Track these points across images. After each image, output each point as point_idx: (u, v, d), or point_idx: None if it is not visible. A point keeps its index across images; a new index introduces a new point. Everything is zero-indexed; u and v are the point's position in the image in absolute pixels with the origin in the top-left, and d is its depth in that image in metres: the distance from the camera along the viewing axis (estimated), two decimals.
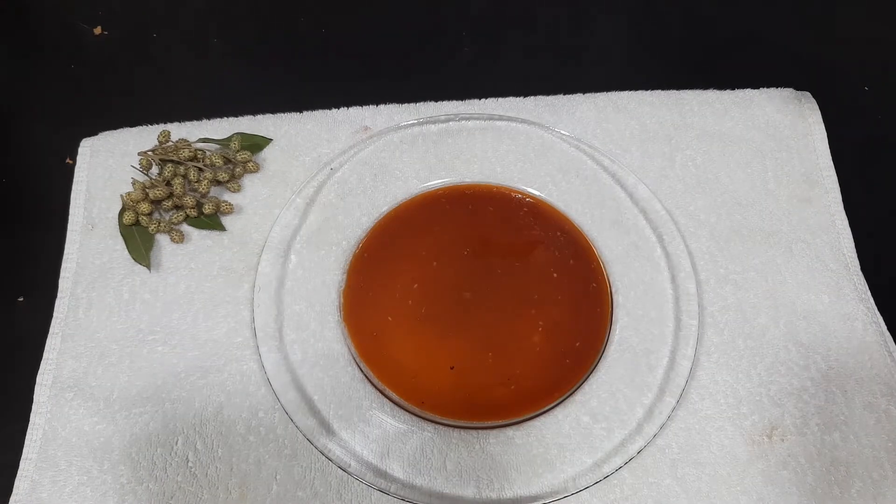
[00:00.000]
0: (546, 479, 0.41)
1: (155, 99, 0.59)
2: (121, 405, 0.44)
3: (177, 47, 0.63)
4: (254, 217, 0.52)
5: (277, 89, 0.59)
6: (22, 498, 0.42)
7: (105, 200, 0.52)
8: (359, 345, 0.46)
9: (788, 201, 0.52)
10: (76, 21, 0.64)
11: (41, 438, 0.43)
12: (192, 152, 0.52)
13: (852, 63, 0.62)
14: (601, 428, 0.43)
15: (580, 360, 0.45)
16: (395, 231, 0.51)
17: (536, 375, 0.45)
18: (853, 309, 0.48)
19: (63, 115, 0.59)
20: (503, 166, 0.53)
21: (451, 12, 0.65)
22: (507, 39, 0.63)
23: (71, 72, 0.61)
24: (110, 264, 0.49)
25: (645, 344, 0.46)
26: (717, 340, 0.47)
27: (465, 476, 0.42)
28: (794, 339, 0.47)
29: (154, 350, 0.46)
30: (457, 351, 0.46)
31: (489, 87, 0.57)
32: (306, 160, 0.54)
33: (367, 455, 0.42)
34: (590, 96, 0.57)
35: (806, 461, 0.43)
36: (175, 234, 0.50)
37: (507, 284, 0.48)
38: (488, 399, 0.44)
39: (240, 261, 0.50)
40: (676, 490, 0.42)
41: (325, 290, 0.48)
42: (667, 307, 0.47)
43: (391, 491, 0.40)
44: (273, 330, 0.46)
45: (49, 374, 0.45)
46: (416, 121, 0.54)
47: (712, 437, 0.43)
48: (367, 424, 0.43)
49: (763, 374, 0.45)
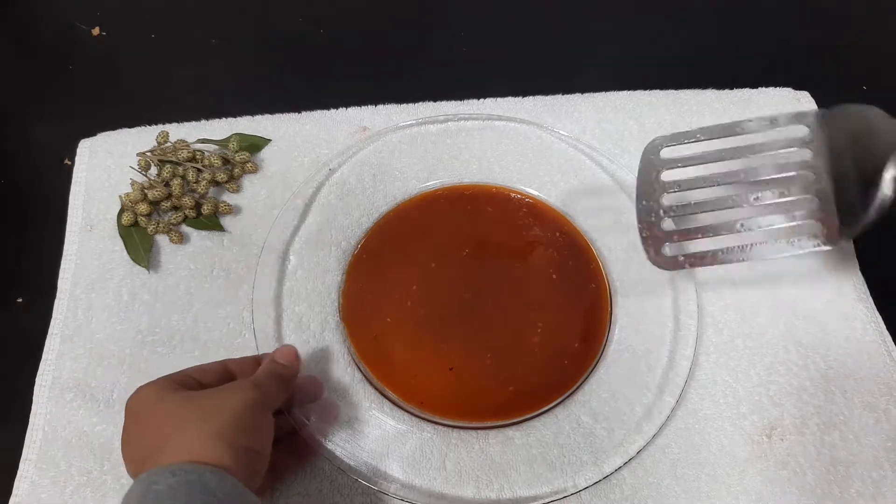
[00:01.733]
0: (546, 479, 0.41)
1: (153, 99, 0.59)
2: (121, 406, 0.44)
3: (176, 47, 0.63)
4: (253, 218, 0.52)
5: (276, 89, 0.59)
6: (22, 499, 0.42)
7: (104, 201, 0.52)
8: (358, 346, 0.46)
9: None
10: (75, 22, 0.64)
11: (41, 439, 0.43)
12: (190, 153, 0.52)
13: (851, 63, 0.62)
14: (601, 428, 0.43)
15: (579, 361, 0.45)
16: (395, 232, 0.51)
17: (535, 377, 0.45)
18: (852, 309, 0.48)
19: (62, 116, 0.59)
20: (502, 166, 0.53)
21: (450, 12, 0.65)
22: (506, 39, 0.63)
23: (70, 72, 0.61)
24: (109, 265, 0.49)
25: (645, 344, 0.46)
26: (716, 340, 0.47)
27: (464, 476, 0.42)
28: (794, 339, 0.47)
29: (154, 351, 0.46)
30: (456, 352, 0.46)
31: (488, 88, 0.57)
32: (305, 161, 0.54)
33: (367, 455, 0.42)
34: (588, 96, 0.57)
35: (805, 461, 0.43)
36: (174, 234, 0.50)
37: (506, 285, 0.48)
38: (488, 400, 0.44)
39: (239, 262, 0.50)
40: (676, 490, 0.42)
41: (325, 290, 0.48)
42: (666, 307, 0.47)
43: (391, 491, 0.40)
44: (273, 331, 0.46)
45: (48, 375, 0.45)
46: (415, 121, 0.54)
47: (712, 437, 0.43)
48: (366, 425, 0.43)
49: (762, 374, 0.45)
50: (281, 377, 0.39)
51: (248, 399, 0.35)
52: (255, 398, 0.35)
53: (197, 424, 0.33)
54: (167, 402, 0.35)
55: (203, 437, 0.32)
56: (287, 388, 0.40)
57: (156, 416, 0.34)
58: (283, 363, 0.40)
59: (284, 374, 0.40)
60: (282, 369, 0.40)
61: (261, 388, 0.36)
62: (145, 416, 0.35)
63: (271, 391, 0.38)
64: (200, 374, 0.38)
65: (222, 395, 0.35)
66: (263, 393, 0.36)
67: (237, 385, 0.37)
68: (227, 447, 0.32)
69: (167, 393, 0.35)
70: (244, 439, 0.33)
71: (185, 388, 0.36)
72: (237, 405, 0.34)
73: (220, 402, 0.34)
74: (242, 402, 0.34)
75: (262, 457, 0.35)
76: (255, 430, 0.34)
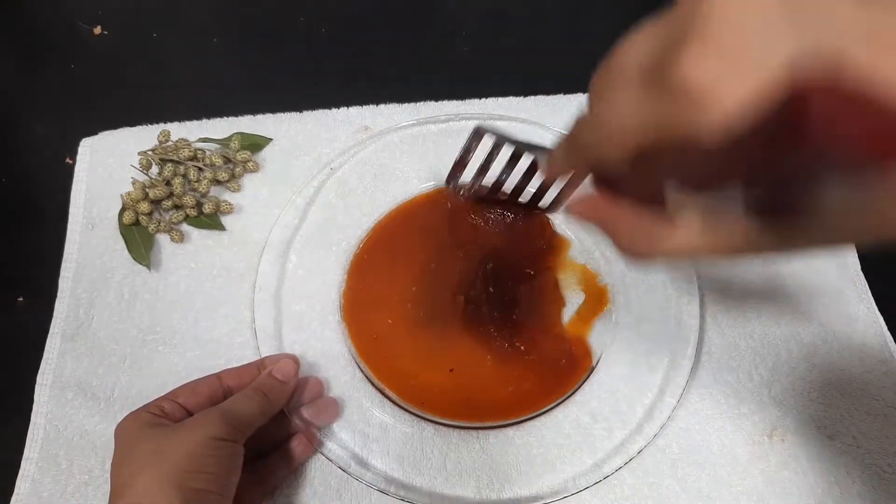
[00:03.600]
0: (546, 479, 0.41)
1: (155, 98, 0.59)
2: (122, 405, 0.44)
3: (177, 47, 0.63)
4: (254, 217, 0.52)
5: (277, 89, 0.59)
6: (24, 498, 0.42)
7: (105, 200, 0.52)
8: (359, 345, 0.46)
9: None
10: (76, 21, 0.64)
11: (42, 438, 0.43)
12: (191, 152, 0.52)
13: None
14: (601, 428, 0.43)
15: (579, 361, 0.45)
16: (395, 232, 0.50)
17: (535, 377, 0.45)
18: (854, 309, 0.48)
19: (63, 115, 0.59)
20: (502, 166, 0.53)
21: (452, 12, 0.65)
22: (508, 39, 0.63)
23: (71, 72, 0.61)
24: (110, 264, 0.49)
25: (645, 344, 0.46)
26: (718, 341, 0.47)
27: (465, 476, 0.42)
28: (795, 340, 0.47)
29: (155, 350, 0.46)
30: (456, 353, 0.46)
31: (489, 87, 0.57)
32: (306, 160, 0.54)
33: (367, 455, 0.42)
34: None
35: (807, 462, 0.43)
36: (175, 233, 0.50)
37: (507, 286, 0.48)
38: (487, 401, 0.44)
39: (240, 260, 0.50)
40: (677, 490, 0.42)
41: (326, 290, 0.48)
42: (667, 307, 0.47)
43: (391, 491, 0.40)
44: (273, 330, 0.46)
45: (49, 374, 0.45)
46: (416, 121, 0.54)
47: (713, 438, 0.43)
48: (367, 424, 0.43)
49: (764, 375, 0.45)
50: (268, 395, 0.39)
51: (208, 437, 0.34)
52: (217, 433, 0.35)
53: (152, 469, 0.33)
54: (138, 440, 0.35)
55: (155, 483, 0.32)
56: (274, 406, 0.39)
57: (127, 453, 0.35)
58: (279, 378, 0.40)
59: (275, 390, 0.40)
60: (275, 385, 0.40)
61: (231, 416, 0.36)
62: (121, 451, 0.35)
63: (247, 415, 0.37)
64: (188, 398, 0.38)
65: (182, 433, 0.35)
66: (233, 422, 0.36)
67: (201, 420, 0.36)
68: (176, 493, 0.32)
69: (143, 430, 0.35)
70: (197, 482, 0.33)
71: (169, 417, 0.37)
72: (193, 446, 0.34)
73: (177, 443, 0.34)
74: (201, 442, 0.34)
75: (220, 497, 0.34)
76: (211, 470, 0.34)
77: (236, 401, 0.38)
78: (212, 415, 0.36)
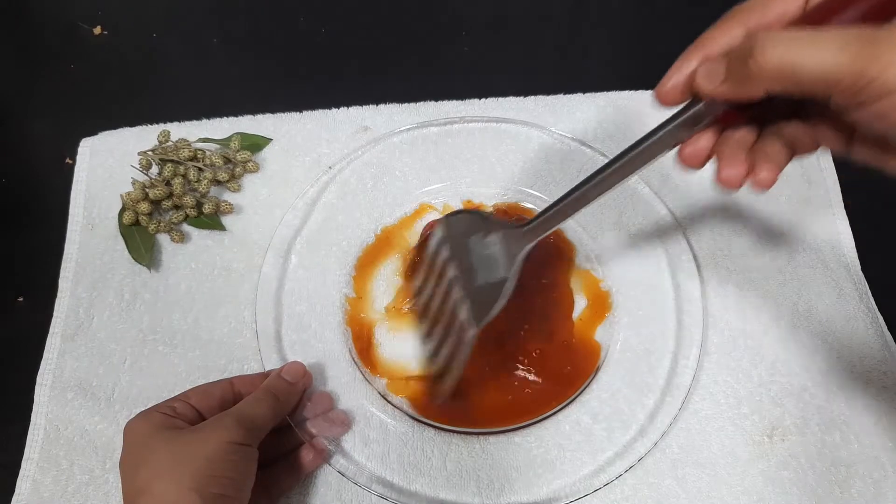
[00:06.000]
0: (546, 480, 0.41)
1: (155, 99, 0.59)
2: (122, 405, 0.44)
3: (177, 47, 0.63)
4: (254, 217, 0.52)
5: (277, 89, 0.59)
6: (24, 498, 0.42)
7: (105, 200, 0.52)
8: (359, 346, 0.46)
9: (788, 201, 0.52)
10: (76, 21, 0.64)
11: (43, 438, 0.43)
12: (191, 152, 0.52)
13: None
14: (601, 428, 0.43)
15: (580, 364, 0.45)
16: (397, 234, 0.50)
17: (535, 383, 0.45)
18: (854, 309, 0.48)
19: (63, 115, 0.59)
20: (503, 166, 0.53)
21: (452, 12, 0.65)
22: (508, 39, 0.63)
23: (71, 72, 0.61)
24: (111, 264, 0.49)
25: (645, 345, 0.46)
26: (717, 340, 0.47)
27: (465, 477, 0.42)
28: (795, 339, 0.47)
29: (155, 350, 0.46)
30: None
31: (489, 87, 0.57)
32: (306, 160, 0.54)
33: (368, 456, 0.42)
34: (590, 96, 0.57)
35: (806, 461, 0.43)
36: (175, 233, 0.50)
37: (519, 298, 0.47)
38: (488, 404, 0.44)
39: (240, 261, 0.50)
40: (677, 490, 0.42)
41: (326, 290, 0.48)
42: (668, 308, 0.47)
43: (391, 497, 0.40)
44: (274, 331, 0.46)
45: (50, 374, 0.45)
46: (416, 124, 0.54)
47: (713, 438, 0.43)
48: (367, 425, 0.43)
49: (764, 374, 0.45)
50: (278, 396, 0.39)
51: (226, 442, 0.34)
52: (234, 438, 0.35)
53: (170, 474, 0.33)
54: (153, 442, 0.35)
55: (174, 488, 0.32)
56: (284, 408, 0.40)
57: (142, 456, 0.35)
58: (289, 379, 0.40)
59: (285, 391, 0.40)
60: (285, 386, 0.40)
61: (244, 420, 0.36)
62: (135, 452, 0.35)
63: (259, 418, 0.37)
64: (200, 400, 0.38)
65: (200, 436, 0.35)
66: (248, 425, 0.36)
67: (217, 425, 0.36)
68: (196, 498, 0.32)
69: (157, 432, 0.35)
70: (216, 487, 0.33)
71: (182, 419, 0.37)
72: (212, 451, 0.34)
73: (196, 447, 0.34)
74: (219, 446, 0.34)
75: (237, 501, 0.34)
76: (229, 475, 0.34)
77: (248, 404, 0.38)
78: (226, 419, 0.36)
